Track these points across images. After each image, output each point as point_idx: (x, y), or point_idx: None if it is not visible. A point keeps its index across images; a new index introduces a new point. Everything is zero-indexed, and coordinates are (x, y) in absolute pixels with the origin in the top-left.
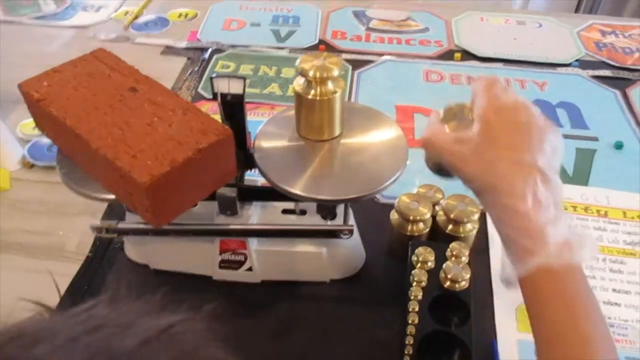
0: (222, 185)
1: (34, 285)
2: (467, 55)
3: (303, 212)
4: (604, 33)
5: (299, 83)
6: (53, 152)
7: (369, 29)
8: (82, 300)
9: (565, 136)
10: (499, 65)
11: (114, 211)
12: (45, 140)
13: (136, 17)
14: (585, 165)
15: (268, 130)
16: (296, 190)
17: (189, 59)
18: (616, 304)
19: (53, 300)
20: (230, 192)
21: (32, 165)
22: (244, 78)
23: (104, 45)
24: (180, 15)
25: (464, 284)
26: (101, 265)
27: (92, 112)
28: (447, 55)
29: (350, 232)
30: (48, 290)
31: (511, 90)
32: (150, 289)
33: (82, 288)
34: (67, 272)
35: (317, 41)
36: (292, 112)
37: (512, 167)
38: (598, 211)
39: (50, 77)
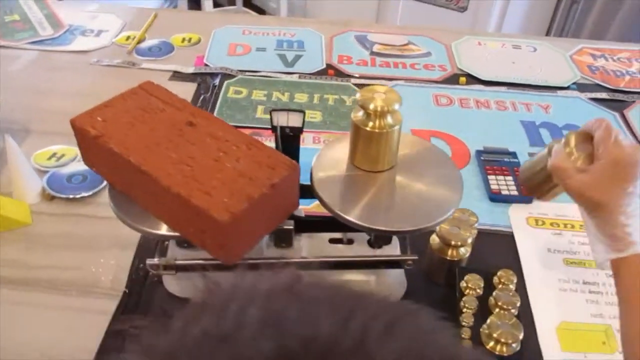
0: (286, 218)
1: (71, 324)
2: (471, 78)
3: (350, 242)
4: (594, 56)
5: (357, 115)
6: (74, 183)
7: (373, 53)
8: (123, 342)
9: None
10: (503, 88)
11: (146, 246)
12: (65, 171)
13: (139, 42)
14: None
15: (323, 161)
16: (363, 222)
17: (199, 84)
18: None
19: (94, 338)
20: (288, 224)
21: (53, 198)
22: (303, 112)
23: (109, 70)
24: (183, 40)
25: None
26: (140, 302)
27: (154, 148)
28: (453, 79)
29: (413, 261)
30: (87, 329)
31: (621, 133)
32: None
33: (123, 327)
34: (104, 309)
35: (324, 66)
36: (342, 143)
37: (622, 193)
38: None
39: (102, 111)
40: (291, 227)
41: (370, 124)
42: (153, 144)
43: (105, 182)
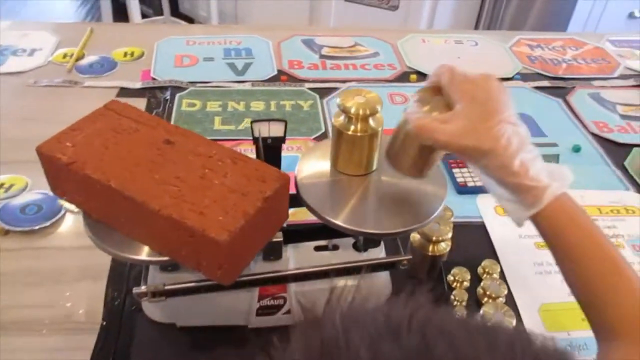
0: (277, 230)
1: None
2: (421, 76)
3: (336, 247)
4: (531, 47)
5: (338, 119)
6: (29, 214)
7: (322, 56)
8: None
9: None
10: None
11: (117, 275)
12: (16, 202)
13: (78, 59)
14: None
15: (305, 168)
16: (354, 227)
17: (149, 100)
18: None
19: None
20: (277, 236)
21: (7, 232)
22: (285, 121)
23: (50, 91)
24: (125, 54)
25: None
26: (121, 332)
27: (135, 170)
28: (404, 77)
29: (408, 262)
30: None
31: (468, 71)
32: (183, 348)
33: None
34: (82, 345)
35: (275, 72)
36: (322, 149)
37: (498, 128)
38: None
39: (70, 136)
40: (280, 239)
41: (352, 127)
42: (132, 166)
43: (63, 211)
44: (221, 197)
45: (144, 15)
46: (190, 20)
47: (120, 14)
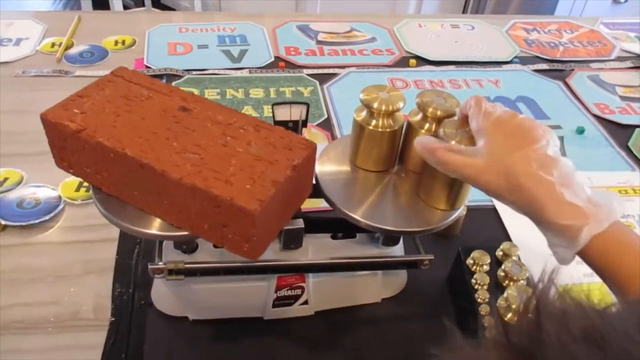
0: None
1: None
2: (421, 60)
3: (353, 235)
4: (527, 30)
5: (360, 114)
6: (26, 208)
7: (319, 42)
8: None
9: None
10: (452, 67)
11: (124, 268)
12: (12, 196)
13: (67, 48)
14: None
15: (326, 162)
16: (379, 224)
17: None
18: None
19: None
20: (298, 223)
21: (5, 227)
22: (307, 104)
23: (39, 81)
24: (116, 42)
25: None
26: (131, 328)
27: (151, 138)
28: (403, 62)
29: (430, 261)
30: None
31: (498, 105)
32: (198, 342)
33: (118, 359)
34: (93, 343)
35: (272, 58)
36: (341, 144)
37: (528, 164)
38: None
39: (78, 103)
40: (302, 226)
41: (374, 122)
42: (148, 133)
43: (63, 204)
44: (247, 165)
45: (125, 7)
46: (172, 11)
47: (101, 7)
